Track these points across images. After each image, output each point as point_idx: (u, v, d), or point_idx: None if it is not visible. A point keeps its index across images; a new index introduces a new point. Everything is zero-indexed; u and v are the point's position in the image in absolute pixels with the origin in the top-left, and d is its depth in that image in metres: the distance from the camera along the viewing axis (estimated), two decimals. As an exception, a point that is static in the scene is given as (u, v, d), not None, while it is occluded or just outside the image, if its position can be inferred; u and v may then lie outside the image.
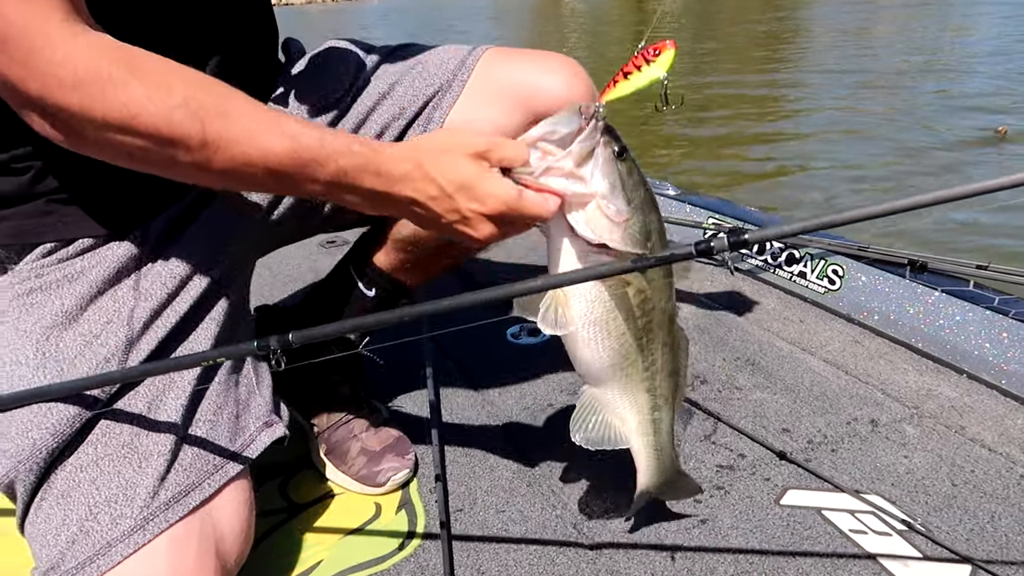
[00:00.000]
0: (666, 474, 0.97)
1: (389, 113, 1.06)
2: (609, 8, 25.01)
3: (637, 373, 0.88)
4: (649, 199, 0.80)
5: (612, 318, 0.83)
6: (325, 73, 1.07)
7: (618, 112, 3.18)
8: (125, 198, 0.92)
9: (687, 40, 13.62)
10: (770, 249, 1.82)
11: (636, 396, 0.90)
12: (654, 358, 0.88)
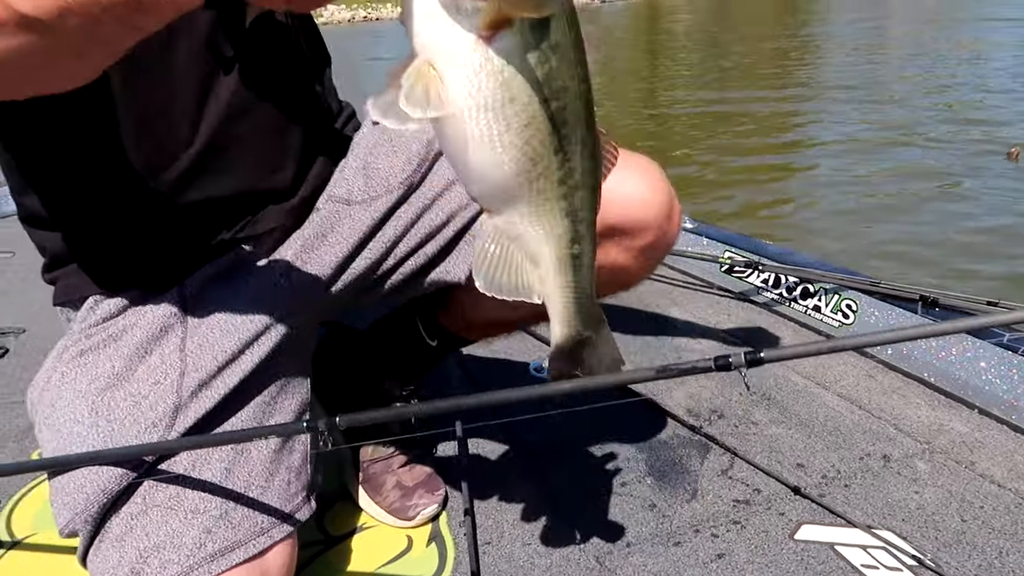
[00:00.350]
0: (587, 327, 0.76)
1: (456, 203, 1.05)
2: (623, 27, 25.22)
3: (552, 188, 0.64)
4: None
5: (510, 99, 0.57)
6: (399, 149, 1.06)
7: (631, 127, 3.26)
8: (159, 255, 0.97)
9: (699, 58, 13.74)
10: (785, 283, 1.87)
11: (552, 221, 0.66)
12: (572, 166, 0.64)
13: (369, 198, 1.03)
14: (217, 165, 0.95)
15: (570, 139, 0.62)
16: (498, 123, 0.58)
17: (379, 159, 1.05)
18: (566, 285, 0.71)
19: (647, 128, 7.94)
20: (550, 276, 0.70)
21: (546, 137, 0.61)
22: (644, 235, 1.00)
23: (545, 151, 0.62)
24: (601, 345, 0.78)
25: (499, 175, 0.61)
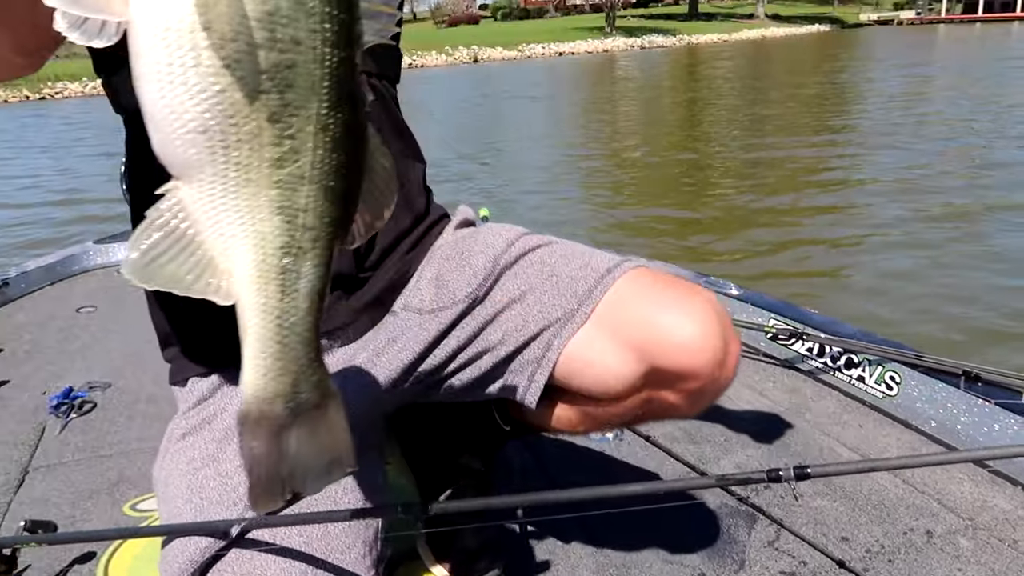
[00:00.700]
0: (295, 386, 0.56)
1: (513, 323, 1.07)
2: (662, 73, 25.49)
3: (258, 166, 0.49)
4: None
5: (204, 24, 0.45)
6: (468, 263, 1.12)
7: (668, 173, 3.39)
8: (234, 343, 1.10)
9: (738, 105, 13.83)
10: (829, 352, 1.94)
11: (255, 213, 0.50)
12: (295, 146, 0.49)
13: (438, 308, 1.10)
14: None
15: (296, 110, 0.48)
16: (182, 54, 0.45)
17: (450, 272, 1.12)
18: (266, 311, 0.53)
19: (684, 174, 8.03)
20: (244, 291, 0.53)
21: (253, 93, 0.47)
22: (695, 381, 0.99)
23: (250, 112, 0.47)
24: (321, 430, 0.59)
25: (180, 125, 0.48)
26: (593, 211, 6.56)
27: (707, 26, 51.98)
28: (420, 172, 1.21)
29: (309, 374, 0.56)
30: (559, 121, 14.15)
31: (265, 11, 0.45)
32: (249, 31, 0.45)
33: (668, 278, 1.06)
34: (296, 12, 0.46)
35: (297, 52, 0.47)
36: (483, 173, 8.65)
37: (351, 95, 0.50)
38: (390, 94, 1.16)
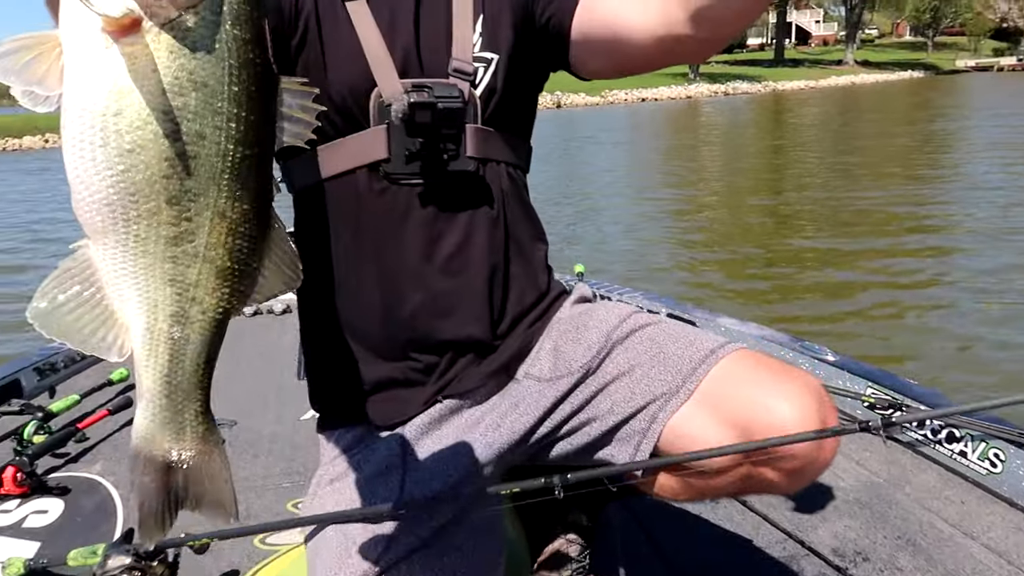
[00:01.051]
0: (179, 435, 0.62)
1: (621, 394, 1.15)
2: (747, 120, 25.31)
3: (156, 240, 0.55)
4: None
5: (116, 110, 0.51)
6: (583, 336, 1.23)
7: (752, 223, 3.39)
8: (385, 398, 1.21)
9: (824, 153, 13.61)
10: (930, 424, 1.93)
11: (148, 280, 0.56)
12: (192, 228, 0.55)
13: (555, 377, 1.21)
14: (436, 313, 1.19)
15: (194, 197, 0.54)
16: (95, 133, 0.51)
17: (567, 344, 1.23)
18: (155, 368, 0.58)
19: (772, 224, 7.96)
20: (137, 349, 0.58)
21: (156, 177, 0.52)
22: (794, 461, 1.04)
23: (152, 193, 0.53)
24: (202, 473, 0.64)
25: (88, 194, 0.53)
26: (680, 261, 6.57)
27: (793, 72, 51.31)
28: (543, 252, 1.33)
29: (194, 425, 0.62)
30: (643, 167, 14.23)
31: (174, 105, 0.51)
32: (157, 121, 0.51)
33: (770, 361, 1.14)
34: (204, 109, 0.52)
35: (200, 145, 0.52)
36: (569, 219, 8.79)
37: (255, 187, 0.56)
38: (522, 181, 1.28)
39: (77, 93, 0.51)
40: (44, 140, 26.68)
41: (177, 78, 0.51)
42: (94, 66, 0.50)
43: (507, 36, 1.20)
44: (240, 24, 0.53)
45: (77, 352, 2.68)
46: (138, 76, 0.50)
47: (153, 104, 0.51)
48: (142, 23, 0.50)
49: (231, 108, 0.53)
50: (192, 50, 0.51)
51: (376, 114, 1.14)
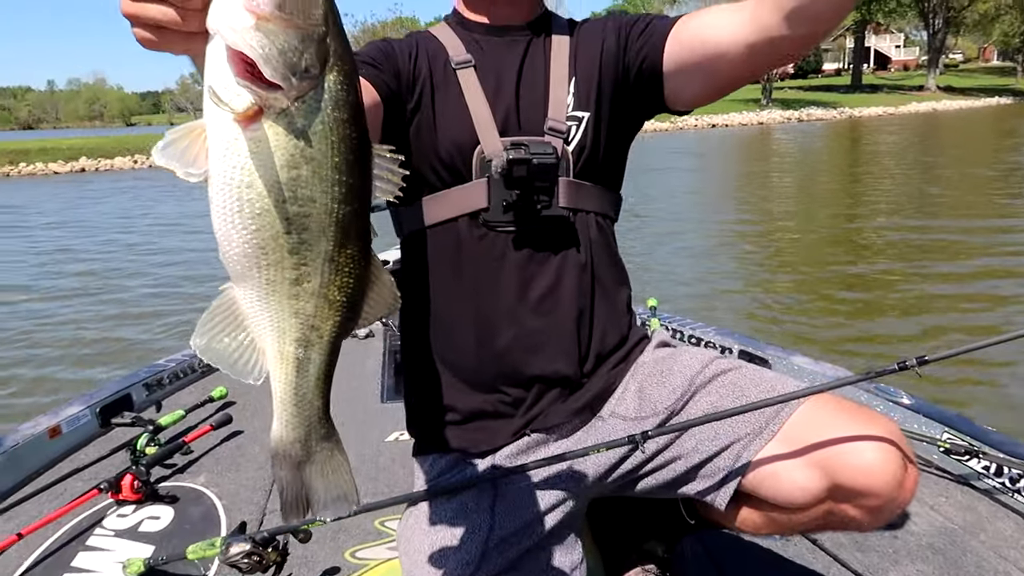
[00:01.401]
0: (307, 437, 0.76)
1: (705, 434, 1.24)
2: (821, 147, 24.79)
3: (282, 282, 0.68)
4: (315, 30, 0.62)
5: (248, 183, 0.64)
6: (667, 380, 1.32)
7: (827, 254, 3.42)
8: (478, 427, 1.32)
9: (904, 182, 13.23)
10: (1008, 472, 1.93)
11: (278, 314, 0.70)
12: (309, 271, 0.68)
13: (640, 417, 1.30)
14: (526, 349, 1.29)
15: (310, 247, 0.67)
16: (232, 200, 0.64)
17: (652, 386, 1.32)
18: (286, 383, 0.72)
19: (843, 257, 7.81)
20: (272, 369, 0.72)
21: (279, 234, 0.65)
22: (875, 499, 1.11)
23: (277, 246, 0.66)
24: (328, 470, 0.77)
25: (231, 248, 0.67)
26: (753, 293, 6.53)
27: (871, 98, 49.95)
28: (627, 296, 1.42)
29: (318, 428, 0.75)
30: (713, 194, 14.13)
31: (291, 178, 0.64)
32: (280, 190, 0.64)
33: (850, 405, 1.22)
34: (313, 178, 0.65)
35: (311, 206, 0.66)
36: (640, 246, 8.82)
37: (357, 234, 0.69)
38: (609, 229, 1.39)
39: (218, 171, 0.64)
40: (134, 161, 28.20)
41: (291, 155, 0.64)
42: (229, 149, 0.63)
43: (597, 95, 1.31)
44: (339, 107, 0.64)
45: (180, 370, 2.90)
46: (261, 156, 0.63)
47: (274, 177, 0.64)
48: (263, 113, 0.62)
49: (334, 175, 0.65)
50: (301, 132, 0.63)
51: (478, 168, 1.27)
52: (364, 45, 1.34)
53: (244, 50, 0.60)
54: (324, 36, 0.63)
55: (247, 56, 0.60)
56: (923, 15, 58.13)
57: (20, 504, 2.06)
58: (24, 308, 7.43)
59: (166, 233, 12.07)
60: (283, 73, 0.61)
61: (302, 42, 0.61)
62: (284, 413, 0.74)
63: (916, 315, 5.58)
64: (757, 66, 1.17)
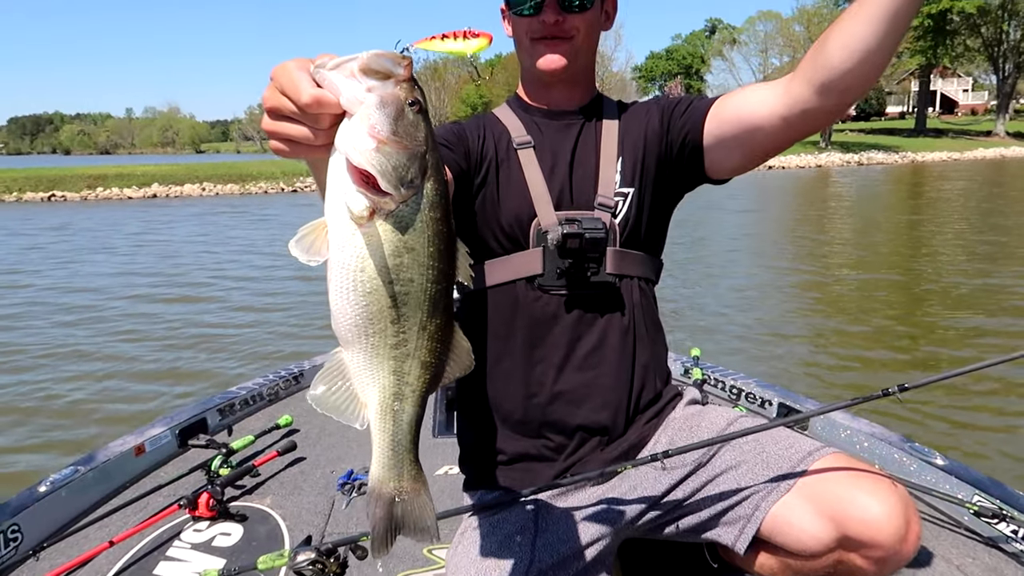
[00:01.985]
0: (400, 477, 0.89)
1: (728, 485, 1.37)
2: (880, 192, 24.38)
3: (384, 347, 0.83)
4: (418, 149, 0.78)
5: (361, 268, 0.80)
6: (696, 434, 1.46)
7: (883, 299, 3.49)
8: (524, 469, 1.48)
9: (968, 229, 12.94)
10: (1035, 536, 1.98)
11: (379, 372, 0.84)
12: (406, 337, 0.83)
13: (670, 467, 1.44)
14: (570, 401, 1.45)
15: (408, 318, 0.81)
16: (348, 281, 0.79)
17: (681, 440, 1.47)
18: (384, 431, 0.86)
19: (895, 311, 7.72)
20: (372, 418, 0.85)
21: (384, 308, 0.80)
22: (880, 550, 1.23)
23: (381, 317, 0.80)
24: (414, 506, 0.89)
25: (344, 319, 0.81)
26: (799, 344, 6.51)
27: (935, 143, 48.92)
28: (664, 355, 1.57)
29: (409, 470, 0.89)
30: (766, 238, 14.05)
31: (396, 264, 0.80)
32: (386, 273, 0.79)
33: (861, 464, 1.34)
34: (412, 264, 0.80)
35: (410, 286, 0.81)
36: (689, 290, 8.87)
37: (444, 307, 0.84)
38: (651, 293, 1.54)
39: (337, 257, 0.81)
40: (202, 188, 29.40)
41: (396, 247, 0.79)
42: (347, 242, 0.80)
43: (642, 172, 1.48)
44: (433, 208, 0.81)
45: (250, 397, 3.13)
46: (373, 247, 0.79)
47: (382, 264, 0.80)
48: (375, 214, 0.78)
49: (429, 261, 0.81)
50: (405, 228, 0.79)
51: (535, 238, 1.45)
52: (439, 126, 1.54)
53: (366, 167, 0.76)
54: (425, 153, 0.79)
55: (367, 171, 0.77)
56: (992, 59, 56.86)
57: (110, 515, 2.28)
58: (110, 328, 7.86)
59: (242, 253, 12.59)
60: (394, 184, 0.77)
61: (409, 159, 0.77)
62: (381, 456, 0.87)
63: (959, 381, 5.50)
64: (792, 136, 1.29)
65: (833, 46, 1.13)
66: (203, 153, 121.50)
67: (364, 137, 0.76)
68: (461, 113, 66.86)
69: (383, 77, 0.77)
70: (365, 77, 0.76)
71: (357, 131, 0.76)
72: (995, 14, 53.95)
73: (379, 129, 0.76)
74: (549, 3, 1.42)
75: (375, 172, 0.76)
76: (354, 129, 0.77)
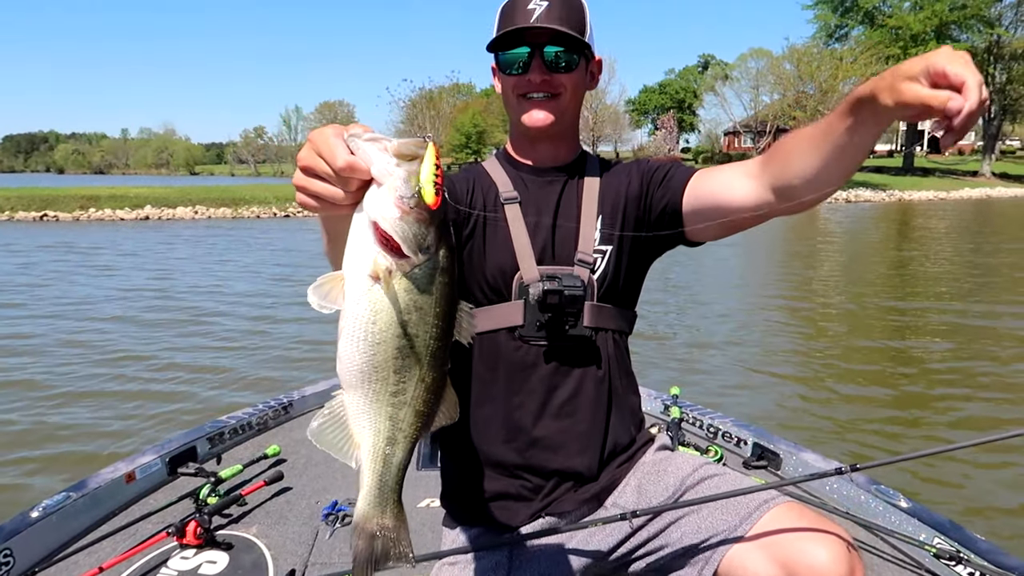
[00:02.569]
0: (383, 515, 0.97)
1: (690, 528, 1.43)
2: (868, 230, 24.68)
3: (384, 393, 0.90)
4: (438, 230, 0.88)
5: (373, 321, 0.87)
6: (663, 479, 1.54)
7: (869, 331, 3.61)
8: (499, 510, 1.55)
9: (952, 267, 13.12)
10: (990, 578, 2.06)
11: (376, 417, 0.92)
12: (405, 387, 0.91)
13: (637, 509, 1.51)
14: (547, 447, 1.53)
15: (409, 369, 0.89)
16: (358, 331, 0.88)
17: (649, 484, 1.55)
18: (374, 472, 0.94)
19: (884, 340, 7.84)
20: (364, 459, 0.93)
21: (389, 358, 0.88)
22: None
23: (385, 367, 0.88)
24: (394, 541, 0.98)
25: (350, 365, 0.89)
26: (782, 390, 6.52)
27: (922, 182, 49.58)
28: (637, 403, 1.66)
29: (392, 508, 0.97)
30: (750, 275, 14.21)
31: (405, 320, 0.88)
32: (395, 327, 0.88)
33: (810, 513, 1.41)
34: (419, 321, 0.89)
35: (415, 340, 0.89)
36: (671, 325, 8.97)
37: (441, 362, 0.93)
38: (624, 344, 1.64)
39: (351, 308, 0.89)
40: (194, 211, 29.40)
41: (407, 304, 0.88)
42: (363, 295, 0.88)
43: (619, 231, 1.57)
44: (443, 273, 0.90)
45: (239, 426, 3.19)
46: (386, 303, 0.88)
47: (392, 318, 0.88)
48: (391, 273, 0.87)
49: (434, 320, 0.90)
50: (416, 288, 0.89)
51: (517, 291, 1.53)
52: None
53: (391, 233, 0.86)
54: (440, 223, 0.89)
55: (391, 236, 0.86)
56: (978, 102, 57.72)
57: (100, 541, 2.34)
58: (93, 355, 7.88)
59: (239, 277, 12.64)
60: (414, 249, 0.87)
61: (428, 228, 0.87)
62: (368, 495, 0.95)
63: (930, 426, 5.60)
64: (766, 218, 1.39)
65: (792, 171, 1.24)
66: (197, 175, 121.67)
67: (391, 207, 0.86)
68: (455, 141, 67.36)
69: (410, 157, 0.86)
70: (395, 156, 0.86)
71: (386, 200, 0.86)
72: (981, 57, 55.11)
73: (405, 200, 0.85)
74: (536, 63, 1.51)
75: (398, 238, 0.86)
76: (383, 198, 0.86)
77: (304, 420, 3.50)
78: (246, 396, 5.86)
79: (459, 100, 74.81)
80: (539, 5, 1.49)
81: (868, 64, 45.80)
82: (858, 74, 45.00)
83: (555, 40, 1.50)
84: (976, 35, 53.31)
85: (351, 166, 0.86)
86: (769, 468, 2.86)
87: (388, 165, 0.86)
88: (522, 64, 1.52)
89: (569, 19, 1.50)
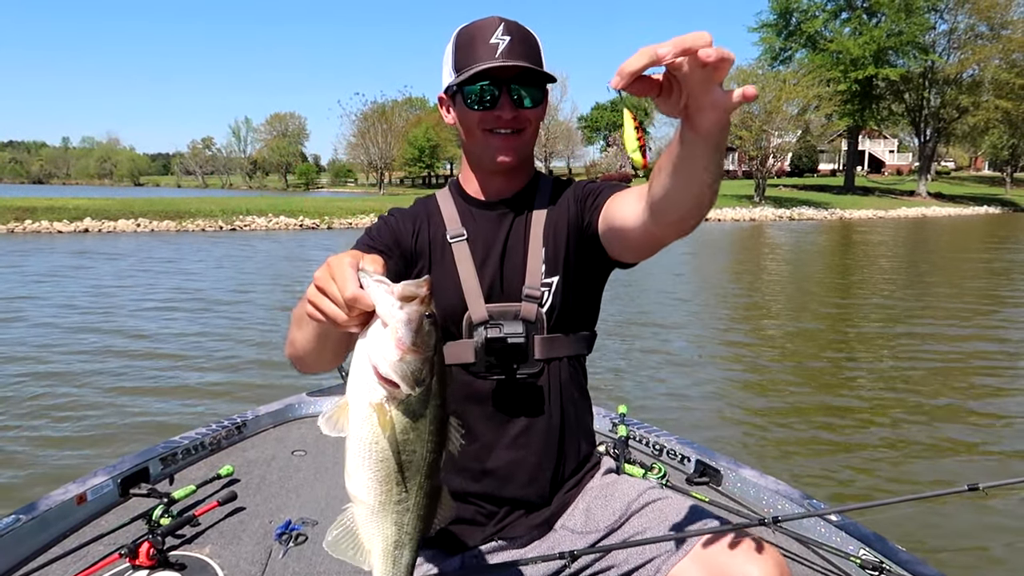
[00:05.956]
0: None
1: (635, 550, 1.50)
2: (812, 240, 25.38)
3: (390, 503, 1.01)
4: (431, 363, 0.99)
5: (375, 442, 0.98)
6: (610, 502, 1.62)
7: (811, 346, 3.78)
8: (456, 529, 1.60)
9: (894, 284, 13.61)
10: (909, 585, 2.20)
11: (384, 524, 1.02)
12: (407, 495, 1.02)
13: (585, 532, 1.60)
14: (501, 477, 1.60)
15: (410, 480, 1.01)
16: (364, 451, 0.98)
17: (597, 507, 1.62)
18: (386, 572, 1.04)
19: (814, 372, 8.07)
20: (376, 561, 1.04)
21: (392, 472, 0.99)
22: None
23: (389, 480, 0.99)
24: None
25: (358, 480, 1.00)
26: (726, 404, 6.71)
27: (862, 201, 51.27)
28: (590, 423, 1.74)
29: None
30: (700, 292, 14.48)
31: (403, 439, 0.99)
32: (395, 446, 0.99)
33: (746, 532, 1.49)
34: (416, 439, 1.00)
35: (414, 455, 1.01)
36: (620, 343, 9.10)
37: (436, 471, 1.04)
38: (581, 367, 1.70)
39: (356, 431, 1.00)
40: (136, 224, 28.67)
41: (405, 427, 0.99)
42: (365, 420, 0.99)
43: (564, 260, 1.61)
44: (435, 397, 1.01)
45: (192, 446, 3.20)
46: (385, 426, 0.98)
47: (392, 438, 0.99)
48: (390, 401, 0.98)
49: (429, 437, 1.02)
50: (413, 414, 1.00)
51: (467, 330, 1.58)
52: (376, 221, 1.66)
53: (390, 373, 0.96)
54: (434, 356, 0.99)
55: (390, 376, 0.96)
56: (915, 124, 60.33)
57: (51, 564, 2.32)
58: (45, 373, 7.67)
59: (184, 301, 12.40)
60: (411, 384, 0.97)
61: (423, 364, 0.97)
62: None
63: (875, 441, 5.83)
64: (661, 241, 1.41)
65: (655, 190, 1.26)
66: (142, 186, 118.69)
67: (391, 348, 0.96)
68: (408, 155, 66.97)
69: (409, 299, 0.96)
70: (398, 299, 0.96)
71: (386, 344, 0.96)
72: (917, 82, 57.48)
73: (404, 341, 0.96)
74: (504, 99, 1.52)
75: (396, 377, 0.96)
76: (384, 342, 0.97)
77: (258, 440, 3.51)
78: (199, 417, 5.78)
79: (412, 114, 74.71)
80: (502, 40, 1.50)
81: (811, 86, 47.17)
82: (801, 95, 46.32)
83: (523, 76, 1.52)
84: (912, 60, 55.57)
85: (356, 299, 0.96)
86: (710, 484, 2.98)
87: (391, 308, 0.96)
88: (490, 100, 1.52)
89: (530, 54, 1.52)
